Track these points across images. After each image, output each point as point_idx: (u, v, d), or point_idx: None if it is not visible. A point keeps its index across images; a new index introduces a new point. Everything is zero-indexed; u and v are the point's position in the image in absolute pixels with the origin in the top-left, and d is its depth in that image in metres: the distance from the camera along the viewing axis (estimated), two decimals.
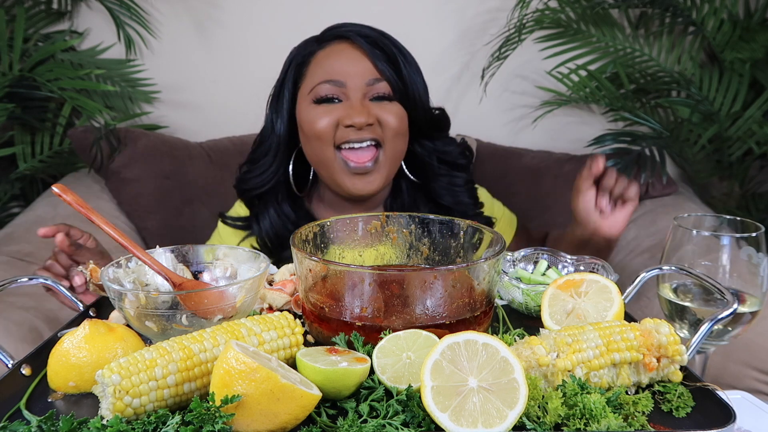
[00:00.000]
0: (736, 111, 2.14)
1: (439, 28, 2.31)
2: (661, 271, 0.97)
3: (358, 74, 1.32)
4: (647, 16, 2.27)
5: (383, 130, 1.33)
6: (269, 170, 1.40)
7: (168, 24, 2.28)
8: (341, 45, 1.36)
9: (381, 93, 1.33)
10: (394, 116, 1.33)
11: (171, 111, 2.35)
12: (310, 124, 1.32)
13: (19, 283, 0.95)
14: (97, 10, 2.23)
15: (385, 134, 1.33)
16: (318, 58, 1.36)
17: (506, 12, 2.19)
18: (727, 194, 2.36)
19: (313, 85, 1.34)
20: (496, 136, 2.34)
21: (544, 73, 2.30)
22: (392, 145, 1.34)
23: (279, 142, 1.39)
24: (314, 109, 1.33)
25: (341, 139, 1.31)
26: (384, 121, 1.32)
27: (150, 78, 2.29)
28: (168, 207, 2.05)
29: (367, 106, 1.31)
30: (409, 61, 1.37)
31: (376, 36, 1.35)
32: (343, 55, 1.34)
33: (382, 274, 0.86)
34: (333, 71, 1.32)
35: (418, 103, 1.37)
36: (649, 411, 0.71)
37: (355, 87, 1.32)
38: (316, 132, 1.32)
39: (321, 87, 1.32)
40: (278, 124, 1.39)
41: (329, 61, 1.34)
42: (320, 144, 1.32)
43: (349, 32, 1.35)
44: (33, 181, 2.29)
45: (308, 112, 1.33)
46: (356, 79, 1.32)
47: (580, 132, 2.37)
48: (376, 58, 1.32)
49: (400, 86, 1.34)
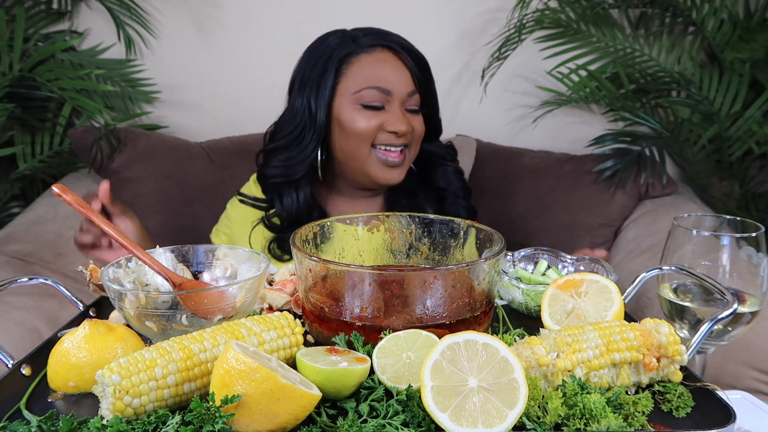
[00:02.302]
0: (736, 111, 2.14)
1: (439, 28, 2.31)
2: (661, 271, 0.97)
3: (402, 85, 1.44)
4: (647, 16, 2.27)
5: (412, 136, 1.49)
6: (308, 155, 1.48)
7: (168, 24, 2.28)
8: (386, 54, 1.46)
9: (414, 106, 1.48)
10: (420, 125, 1.50)
11: (171, 111, 2.35)
12: (353, 123, 1.44)
13: (19, 283, 0.95)
14: (97, 10, 2.23)
15: (413, 139, 1.49)
16: (363, 61, 1.45)
17: (506, 12, 2.19)
18: (727, 194, 2.36)
19: (358, 87, 1.44)
20: (496, 136, 2.34)
21: (544, 73, 2.30)
22: (414, 148, 1.52)
23: (321, 129, 1.47)
24: (359, 111, 1.44)
25: (380, 141, 1.45)
26: (415, 129, 1.48)
27: (150, 78, 2.29)
28: (168, 207, 2.05)
29: (407, 116, 1.47)
30: (431, 75, 1.52)
31: (414, 50, 1.48)
32: (389, 64, 1.45)
33: (382, 274, 0.86)
34: (380, 79, 1.43)
35: (435, 114, 1.57)
36: (649, 411, 0.71)
37: (398, 96, 1.44)
38: (357, 131, 1.43)
39: (368, 92, 1.43)
40: (319, 114, 1.46)
41: (376, 68, 1.44)
42: (359, 141, 1.44)
43: (393, 43, 1.47)
44: (33, 181, 2.29)
45: (352, 113, 1.44)
46: (400, 89, 1.44)
47: (580, 132, 2.37)
48: (415, 72, 1.46)
49: (428, 99, 1.51)
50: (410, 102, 1.47)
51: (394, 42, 1.47)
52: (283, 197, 1.50)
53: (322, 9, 2.26)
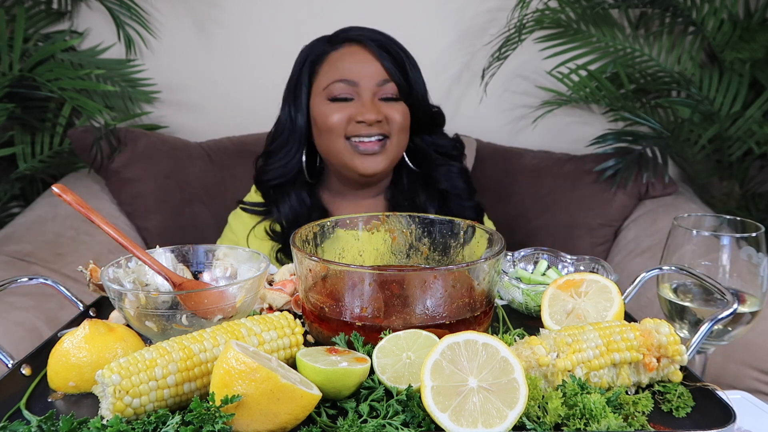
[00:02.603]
0: (736, 111, 2.14)
1: (439, 28, 2.31)
2: (661, 271, 0.97)
3: (370, 75, 1.45)
4: (647, 16, 2.27)
5: (390, 125, 1.47)
6: (292, 160, 1.53)
7: (168, 24, 2.28)
8: (354, 48, 1.48)
9: (389, 94, 1.47)
10: (400, 114, 1.47)
11: (171, 111, 2.35)
12: (324, 118, 1.46)
13: (19, 283, 0.95)
14: (97, 10, 2.23)
15: (392, 129, 1.47)
16: (331, 58, 1.48)
17: (506, 12, 2.19)
18: (727, 194, 2.36)
19: (327, 83, 1.46)
20: (496, 136, 2.34)
21: (544, 73, 2.30)
22: (397, 138, 1.49)
23: (301, 134, 1.52)
24: (328, 105, 1.46)
25: (352, 133, 1.45)
26: (391, 117, 1.46)
27: (150, 78, 2.29)
28: (168, 207, 2.05)
29: (377, 105, 1.46)
30: (413, 64, 1.51)
31: (385, 41, 1.49)
32: (355, 57, 1.47)
33: (382, 274, 0.86)
34: (346, 72, 1.45)
35: (421, 102, 1.52)
36: (649, 411, 0.71)
37: (366, 87, 1.45)
38: (329, 125, 1.45)
39: (335, 86, 1.45)
40: (299, 118, 1.51)
41: (343, 62, 1.47)
42: (331, 135, 1.46)
43: (360, 36, 1.48)
44: (33, 181, 2.29)
45: (322, 108, 1.47)
46: (367, 79, 1.45)
47: (580, 132, 2.37)
48: (385, 61, 1.46)
49: (406, 87, 1.48)
50: (384, 91, 1.47)
51: (361, 35, 1.48)
52: (279, 202, 1.54)
53: (322, 9, 2.26)
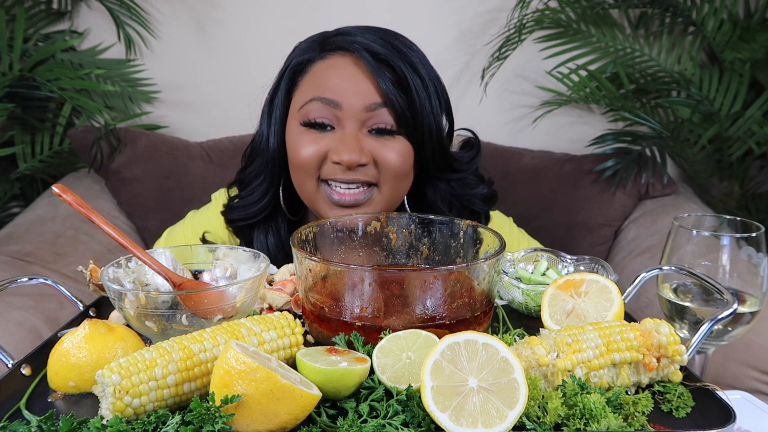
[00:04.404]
0: (736, 111, 2.15)
1: (439, 28, 2.31)
2: (661, 271, 0.97)
3: (357, 94, 1.10)
4: (647, 16, 2.27)
5: (380, 170, 1.12)
6: (263, 199, 1.22)
7: (168, 24, 2.28)
8: (344, 58, 1.13)
9: (382, 124, 1.11)
10: (396, 154, 1.11)
11: (171, 111, 2.35)
12: (294, 149, 1.13)
13: (19, 283, 0.95)
14: (97, 10, 2.23)
15: (382, 176, 1.13)
16: (315, 69, 1.15)
17: (506, 12, 2.19)
18: (727, 194, 2.36)
19: (304, 101, 1.13)
20: (496, 136, 2.34)
21: (544, 73, 2.30)
22: (389, 188, 1.14)
23: (272, 161, 1.19)
24: (302, 134, 1.12)
25: (327, 175, 1.12)
26: (382, 160, 1.11)
27: (150, 78, 2.29)
28: (168, 207, 2.05)
29: (360, 141, 1.10)
30: (426, 85, 1.12)
31: (387, 52, 1.11)
32: (343, 70, 1.12)
33: (382, 274, 0.86)
34: (328, 87, 1.11)
35: (429, 139, 1.14)
36: (649, 411, 0.71)
37: (351, 110, 1.10)
38: (299, 160, 1.12)
39: (311, 106, 1.11)
40: (271, 141, 1.19)
41: (326, 75, 1.13)
42: (302, 173, 1.14)
43: (354, 44, 1.12)
44: (33, 181, 2.29)
45: (295, 136, 1.14)
46: (354, 99, 1.10)
47: (580, 132, 2.37)
48: (382, 79, 1.09)
49: (407, 116, 1.11)
50: (375, 119, 1.10)
51: (355, 43, 1.12)
52: (253, 241, 1.25)
53: (322, 9, 2.26)
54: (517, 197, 2.12)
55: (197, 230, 1.35)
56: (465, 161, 1.23)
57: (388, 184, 1.13)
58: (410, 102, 1.11)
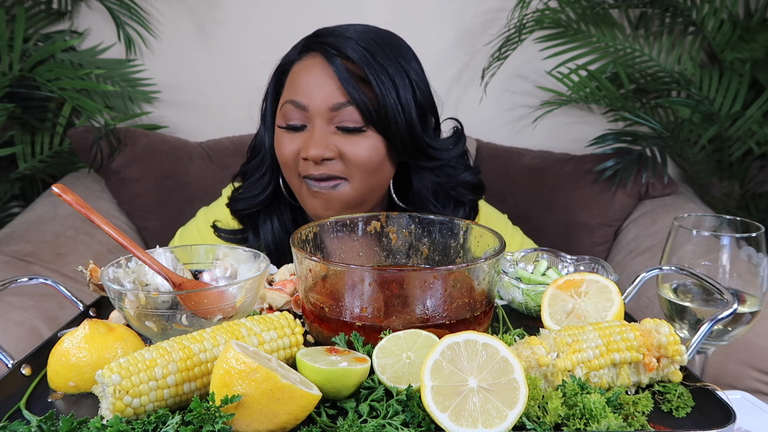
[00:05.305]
0: (736, 111, 2.15)
1: (439, 28, 2.31)
2: (661, 271, 0.97)
3: (321, 96, 1.15)
4: (647, 16, 2.27)
5: (347, 166, 1.17)
6: (267, 189, 1.30)
7: (168, 24, 2.28)
8: (314, 59, 1.19)
9: (348, 123, 1.16)
10: (364, 149, 1.17)
11: (171, 111, 2.36)
12: (278, 149, 1.23)
13: (19, 283, 0.95)
14: (97, 10, 2.23)
15: (351, 170, 1.18)
16: (293, 70, 1.22)
17: (506, 12, 2.19)
18: (727, 194, 2.36)
19: (282, 102, 1.22)
20: (496, 136, 2.34)
21: (544, 73, 2.30)
22: (360, 182, 1.19)
23: (270, 157, 1.28)
24: (282, 134, 1.21)
25: (303, 171, 1.20)
26: (349, 155, 1.16)
27: (150, 78, 2.29)
28: (168, 207, 2.05)
29: (326, 138, 1.16)
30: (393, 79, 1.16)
31: (354, 48, 1.16)
32: (311, 72, 1.18)
33: (382, 274, 0.86)
34: (298, 90, 1.18)
35: (396, 131, 1.17)
36: (649, 411, 0.70)
37: (317, 111, 1.16)
38: (282, 159, 1.22)
39: (287, 108, 1.19)
40: (267, 138, 1.28)
41: (298, 77, 1.20)
42: (287, 170, 1.24)
43: (323, 43, 1.18)
44: (33, 181, 2.29)
45: (277, 136, 1.23)
46: (318, 101, 1.15)
47: (580, 132, 2.37)
48: (344, 79, 1.14)
49: (371, 112, 1.15)
50: (339, 118, 1.16)
51: (324, 43, 1.18)
52: (259, 228, 1.32)
53: (322, 9, 2.26)
54: (517, 197, 2.12)
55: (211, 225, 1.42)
56: (444, 149, 1.26)
57: (357, 177, 1.19)
58: (376, 97, 1.15)
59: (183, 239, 1.47)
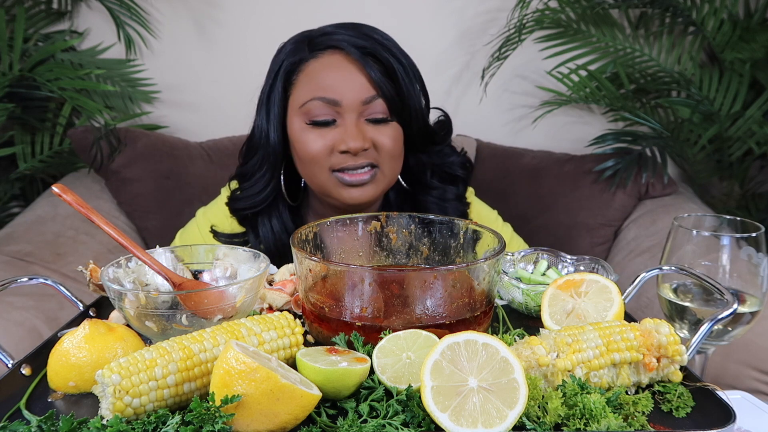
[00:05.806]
0: (736, 111, 2.15)
1: (439, 28, 2.31)
2: (661, 271, 0.97)
3: (353, 90, 1.23)
4: (647, 16, 2.27)
5: (379, 153, 1.26)
6: (267, 188, 1.32)
7: (168, 24, 2.28)
8: (334, 56, 1.25)
9: (378, 114, 1.25)
10: (390, 139, 1.26)
11: (171, 111, 2.35)
12: (304, 146, 1.26)
13: (19, 283, 0.95)
14: (97, 10, 2.23)
15: (381, 157, 1.27)
16: (309, 68, 1.26)
17: (506, 12, 2.19)
18: (727, 194, 2.36)
19: (304, 99, 1.25)
20: (496, 136, 2.34)
21: (544, 73, 2.30)
22: (388, 167, 1.29)
23: (273, 154, 1.30)
24: (308, 131, 1.25)
25: (337, 165, 1.25)
26: (379, 144, 1.25)
27: (150, 78, 2.29)
28: (168, 207, 2.05)
29: (362, 130, 1.24)
30: (407, 71, 1.27)
31: (372, 45, 1.25)
32: (336, 68, 1.24)
33: (382, 274, 0.86)
34: (326, 88, 1.23)
35: (415, 119, 1.29)
36: (649, 411, 0.71)
37: (350, 106, 1.23)
38: (310, 156, 1.25)
39: (313, 105, 1.23)
40: (272, 135, 1.30)
41: (322, 75, 1.24)
42: (314, 167, 1.27)
43: (342, 41, 1.25)
44: (33, 181, 2.29)
45: (301, 134, 1.26)
46: (351, 95, 1.23)
47: (580, 132, 2.37)
48: (372, 72, 1.22)
49: (398, 103, 1.25)
50: (371, 110, 1.24)
51: (342, 41, 1.24)
52: (258, 228, 1.35)
53: (322, 9, 2.26)
54: (517, 197, 2.12)
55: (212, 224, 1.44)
56: (441, 135, 1.40)
57: (386, 164, 1.28)
58: (398, 89, 1.25)
59: (183, 241, 1.48)
